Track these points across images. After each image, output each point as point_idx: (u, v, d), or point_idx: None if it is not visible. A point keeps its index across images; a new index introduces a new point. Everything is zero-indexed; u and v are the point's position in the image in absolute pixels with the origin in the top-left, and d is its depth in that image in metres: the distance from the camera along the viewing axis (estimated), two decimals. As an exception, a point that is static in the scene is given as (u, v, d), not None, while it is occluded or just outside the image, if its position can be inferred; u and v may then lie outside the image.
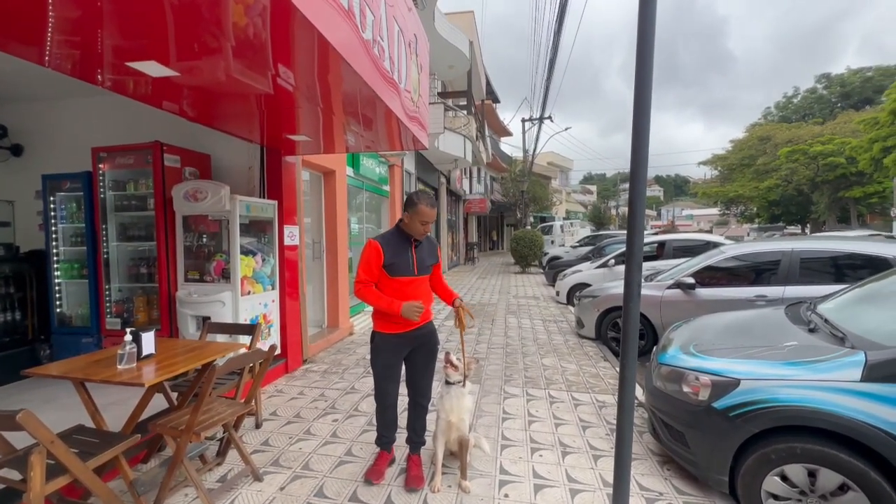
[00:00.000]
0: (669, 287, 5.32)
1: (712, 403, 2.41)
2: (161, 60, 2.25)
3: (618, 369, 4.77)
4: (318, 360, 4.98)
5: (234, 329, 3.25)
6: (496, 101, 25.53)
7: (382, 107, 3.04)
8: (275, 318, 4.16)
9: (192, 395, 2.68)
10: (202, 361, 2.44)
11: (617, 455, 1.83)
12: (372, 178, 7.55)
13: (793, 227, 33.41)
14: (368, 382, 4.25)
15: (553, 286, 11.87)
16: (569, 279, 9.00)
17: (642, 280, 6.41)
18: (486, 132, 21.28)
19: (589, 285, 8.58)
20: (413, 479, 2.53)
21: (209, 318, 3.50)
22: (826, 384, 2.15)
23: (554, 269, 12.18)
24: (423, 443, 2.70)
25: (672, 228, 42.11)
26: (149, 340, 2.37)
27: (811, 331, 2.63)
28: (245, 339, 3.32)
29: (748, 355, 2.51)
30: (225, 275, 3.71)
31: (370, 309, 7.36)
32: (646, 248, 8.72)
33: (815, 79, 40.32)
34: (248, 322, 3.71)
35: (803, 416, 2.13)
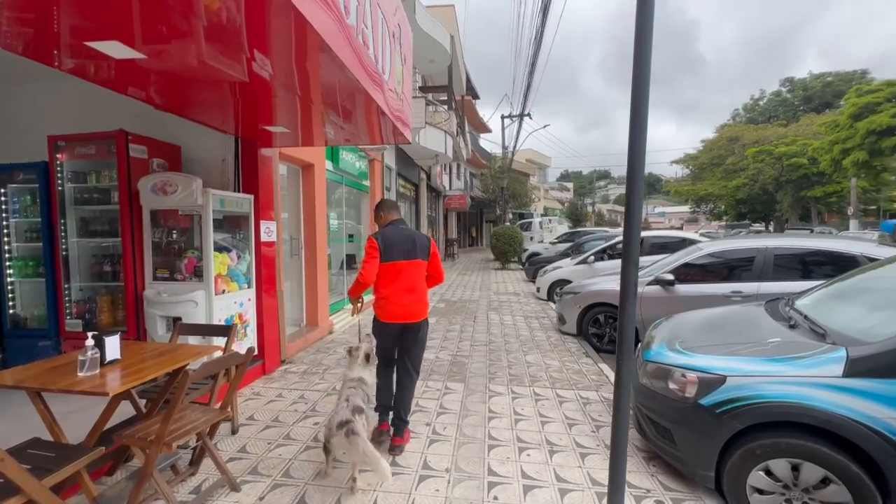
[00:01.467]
0: (649, 284, 5.40)
1: (699, 400, 2.43)
2: (125, 41, 2.06)
3: (600, 365, 4.81)
4: (296, 361, 4.82)
5: (208, 330, 3.08)
6: (476, 97, 25.51)
7: (366, 98, 2.92)
8: (251, 317, 3.98)
9: (162, 401, 2.52)
10: (173, 366, 2.28)
11: (612, 458, 1.80)
12: (352, 172, 7.37)
13: (758, 224, 34.86)
14: (350, 383, 4.14)
15: (533, 282, 11.95)
16: (549, 275, 9.06)
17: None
18: (466, 128, 21.22)
19: (569, 282, 8.65)
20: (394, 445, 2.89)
21: (180, 318, 3.31)
22: (809, 380, 2.18)
23: (534, 265, 12.26)
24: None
25: (646, 225, 43.25)
26: (113, 345, 2.20)
27: (791, 327, 2.68)
28: (220, 341, 3.15)
29: (733, 352, 2.54)
30: (197, 273, 3.51)
31: (349, 307, 7.19)
32: (601, 248, 8.86)
33: (780, 82, 42.05)
34: (222, 323, 3.54)
35: (788, 412, 2.16)
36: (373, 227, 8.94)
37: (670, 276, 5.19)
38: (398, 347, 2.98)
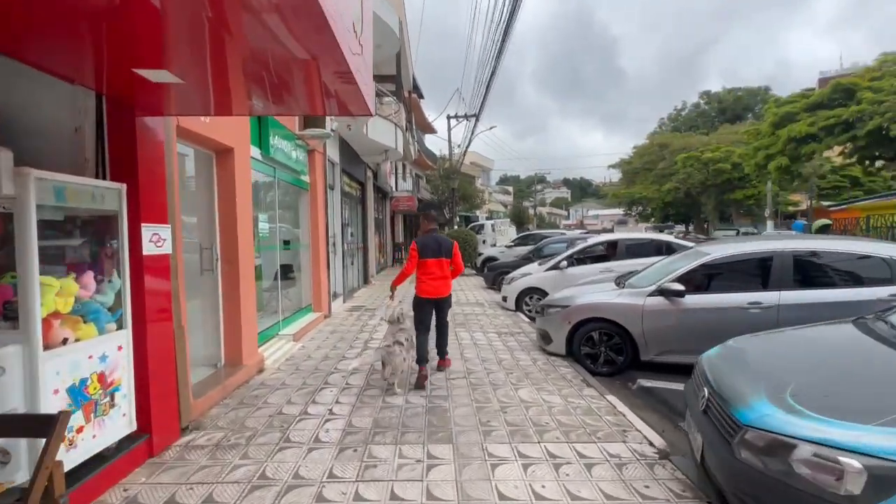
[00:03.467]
0: (652, 294, 4.64)
1: (873, 504, 1.52)
2: None
3: (608, 398, 3.92)
4: (208, 424, 3.38)
5: (5, 427, 1.67)
6: (420, 96, 24.50)
7: (321, 29, 1.70)
8: (124, 375, 2.54)
9: None
10: None
11: None
12: (287, 164, 5.95)
13: (679, 225, 37.23)
14: (289, 459, 2.83)
15: (494, 289, 11.09)
16: (518, 283, 8.20)
17: (611, 284, 5.51)
18: (414, 126, 20.09)
19: (541, 290, 7.85)
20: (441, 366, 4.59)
21: (-35, 399, 1.84)
22: None
23: (493, 271, 11.41)
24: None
25: (582, 227, 44.80)
26: None
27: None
28: (32, 447, 1.74)
29: (905, 419, 1.67)
30: (9, 314, 2.05)
31: (288, 332, 5.76)
32: (596, 249, 8.24)
33: (699, 95, 45.84)
34: (61, 395, 2.10)
35: None
36: (314, 230, 7.52)
37: (678, 286, 4.44)
38: (434, 312, 4.42)
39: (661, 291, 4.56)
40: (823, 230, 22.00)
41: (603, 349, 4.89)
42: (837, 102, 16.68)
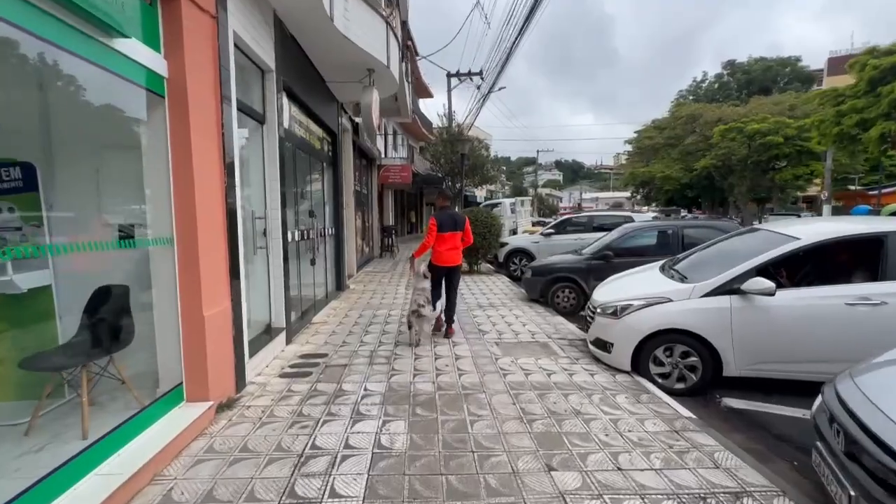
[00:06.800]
0: None
1: None
2: None
3: None
4: None
5: None
6: (416, 53, 19.71)
7: None
8: None
9: None
10: None
11: None
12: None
13: (684, 210, 33.19)
14: None
15: (542, 304, 6.88)
16: (640, 317, 3.97)
17: None
18: (409, 75, 15.45)
19: (694, 335, 3.65)
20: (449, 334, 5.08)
21: None
22: None
23: (543, 276, 7.11)
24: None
25: (580, 211, 40.58)
26: None
27: None
28: None
29: None
30: None
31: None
32: (780, 253, 4.02)
33: (722, 65, 41.55)
34: None
35: None
36: (184, 199, 3.11)
37: None
38: (445, 281, 5.00)
39: None
40: (898, 215, 17.15)
41: None
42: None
